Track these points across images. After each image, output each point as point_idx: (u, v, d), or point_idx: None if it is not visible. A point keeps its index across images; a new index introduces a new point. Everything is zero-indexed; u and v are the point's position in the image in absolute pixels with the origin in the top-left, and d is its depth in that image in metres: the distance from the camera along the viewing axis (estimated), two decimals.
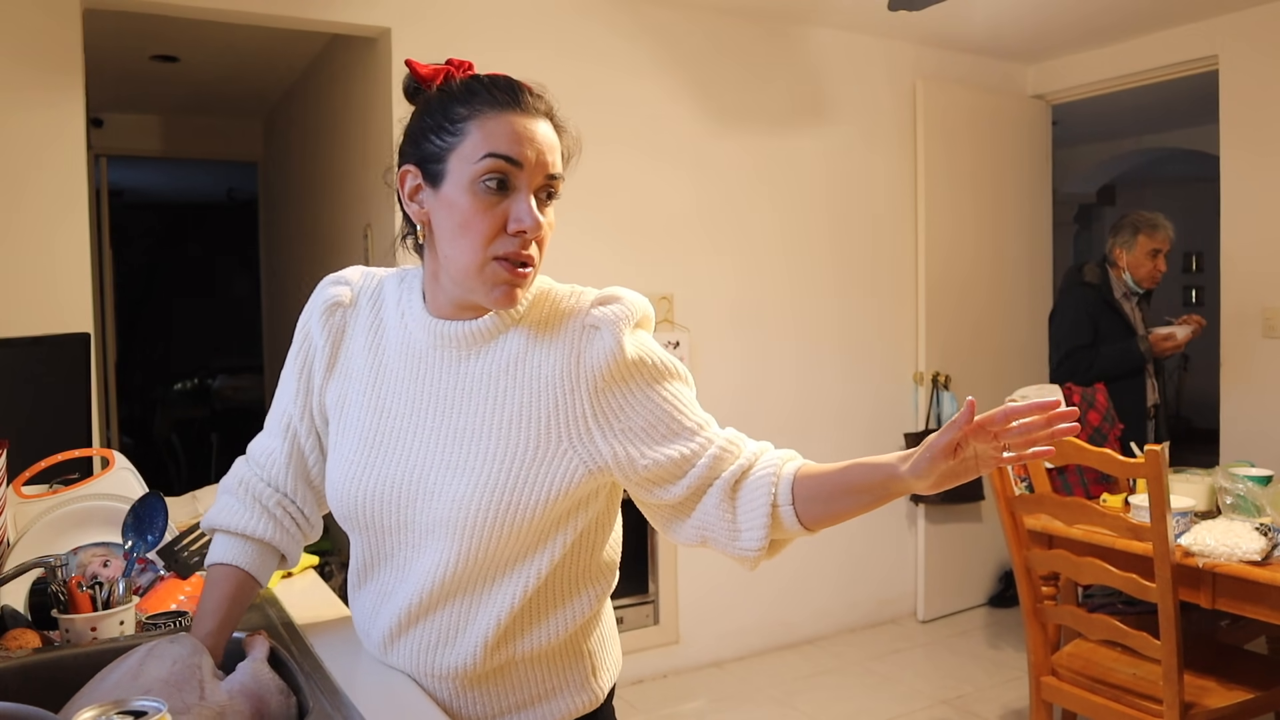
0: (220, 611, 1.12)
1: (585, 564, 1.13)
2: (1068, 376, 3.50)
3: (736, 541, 1.03)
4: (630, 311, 1.05)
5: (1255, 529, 2.15)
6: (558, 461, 1.03)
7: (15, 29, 2.60)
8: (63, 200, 2.65)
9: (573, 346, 1.04)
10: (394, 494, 1.06)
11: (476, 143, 1.00)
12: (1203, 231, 6.75)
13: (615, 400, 1.03)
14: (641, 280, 3.42)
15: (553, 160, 1.03)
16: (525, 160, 1.00)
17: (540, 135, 1.02)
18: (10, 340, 1.99)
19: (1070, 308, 3.47)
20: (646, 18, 3.40)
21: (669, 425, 1.04)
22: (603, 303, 1.06)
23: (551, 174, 1.03)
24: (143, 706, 0.79)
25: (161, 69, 4.23)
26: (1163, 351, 3.31)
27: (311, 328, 1.16)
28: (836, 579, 3.88)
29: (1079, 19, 3.72)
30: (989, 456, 0.93)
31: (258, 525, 1.16)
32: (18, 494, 1.57)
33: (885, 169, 3.96)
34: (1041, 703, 2.45)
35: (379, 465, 1.07)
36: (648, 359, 1.05)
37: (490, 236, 1.00)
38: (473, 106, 1.01)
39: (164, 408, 6.90)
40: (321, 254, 4.16)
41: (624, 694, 3.32)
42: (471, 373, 1.07)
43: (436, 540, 1.05)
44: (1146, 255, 3.38)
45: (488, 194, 1.00)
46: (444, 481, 1.04)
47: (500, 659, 1.08)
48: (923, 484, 0.95)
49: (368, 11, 2.98)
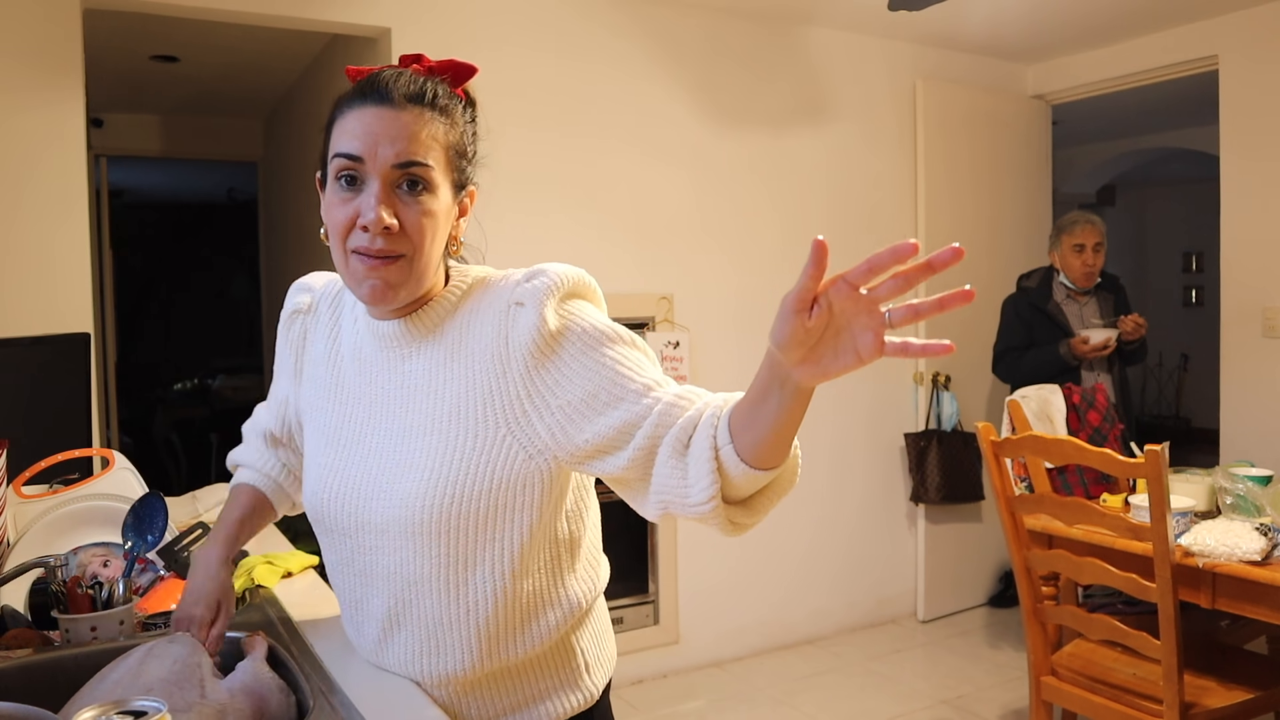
0: (238, 521, 1.24)
1: (563, 558, 1.10)
2: (1001, 377, 3.63)
3: (687, 499, 0.89)
4: (555, 282, 1.00)
5: (1255, 529, 2.15)
6: (498, 450, 1.00)
7: (15, 29, 2.60)
8: (63, 200, 2.65)
9: (499, 328, 1.01)
10: (349, 495, 1.07)
11: (333, 143, 1.01)
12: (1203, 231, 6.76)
13: (548, 375, 0.98)
14: (641, 280, 3.42)
15: (404, 149, 0.97)
16: (366, 154, 0.97)
17: (390, 125, 0.97)
18: (10, 340, 1.99)
19: (1004, 312, 3.65)
20: (646, 18, 3.40)
21: (610, 391, 0.95)
22: (528, 279, 1.02)
23: (403, 162, 0.97)
24: (143, 706, 0.79)
25: (161, 69, 4.23)
26: (1082, 354, 3.34)
27: (279, 337, 1.24)
28: (836, 579, 3.88)
29: (1079, 19, 3.72)
30: (864, 319, 0.75)
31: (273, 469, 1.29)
32: (18, 494, 1.57)
33: (885, 169, 3.96)
34: (1041, 703, 2.45)
35: (337, 468, 1.09)
36: (577, 325, 0.99)
37: (344, 232, 1.00)
38: (339, 106, 1.02)
39: (164, 408, 6.89)
40: (321, 254, 4.15)
41: (624, 694, 3.32)
42: (413, 370, 1.06)
43: (390, 541, 1.04)
44: (1071, 252, 3.46)
45: (341, 190, 1.00)
46: (392, 481, 1.04)
47: (491, 664, 1.07)
48: (791, 358, 0.77)
49: (368, 11, 2.98)
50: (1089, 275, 3.47)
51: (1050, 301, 3.51)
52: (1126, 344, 3.43)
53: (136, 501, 1.35)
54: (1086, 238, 3.43)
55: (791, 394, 0.80)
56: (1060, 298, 3.53)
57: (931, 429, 3.94)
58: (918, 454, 3.91)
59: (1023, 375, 3.41)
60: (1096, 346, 3.33)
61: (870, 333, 0.75)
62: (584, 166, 3.29)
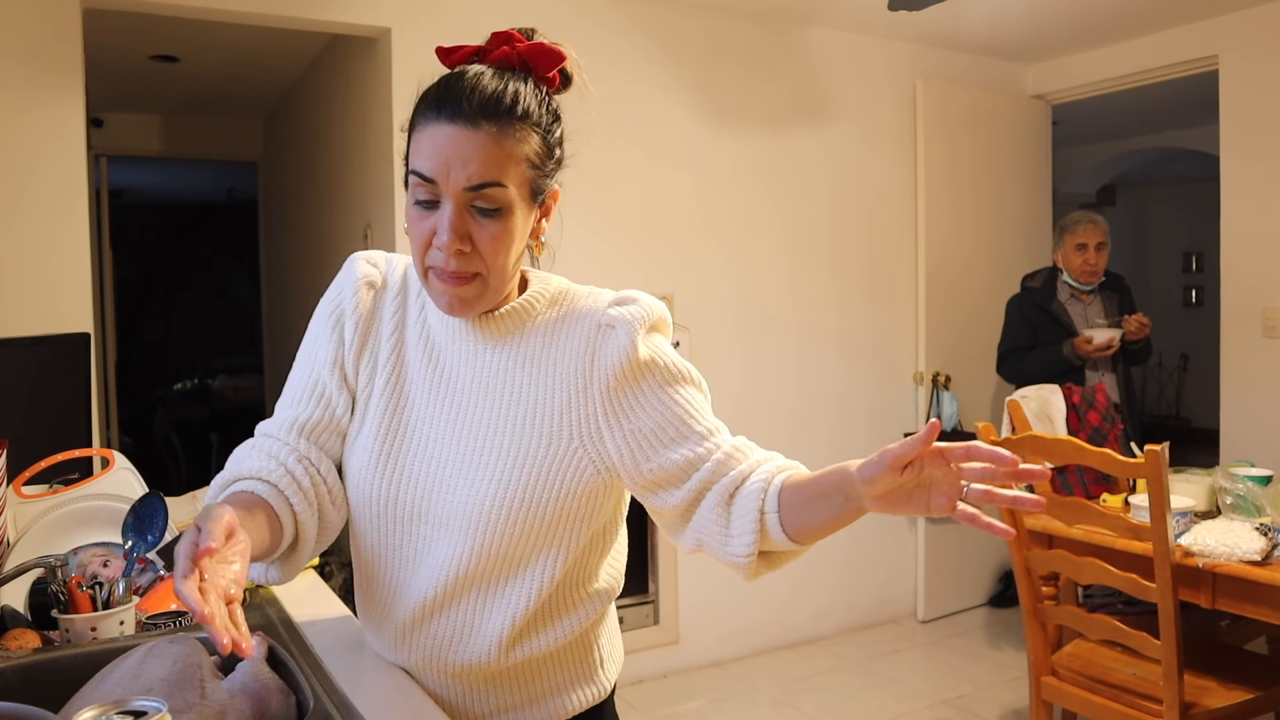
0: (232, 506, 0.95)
1: (597, 565, 1.13)
2: (1006, 377, 3.62)
3: (727, 547, 1.01)
4: (646, 313, 1.05)
5: (1255, 529, 2.15)
6: (569, 460, 1.04)
7: (15, 29, 2.60)
8: (63, 200, 2.65)
9: (588, 345, 1.04)
10: (411, 485, 1.06)
11: (411, 156, 1.00)
12: (1203, 231, 6.76)
13: (626, 401, 1.03)
14: (642, 280, 3.42)
15: (475, 172, 0.96)
16: (439, 176, 0.97)
17: (463, 146, 0.96)
18: (10, 340, 1.99)
19: (1008, 312, 3.64)
20: (647, 18, 3.40)
21: (678, 428, 1.03)
22: (620, 303, 1.06)
23: (475, 185, 0.97)
24: (143, 706, 0.79)
25: (161, 69, 4.23)
26: (1085, 354, 3.34)
27: (344, 301, 1.12)
28: (836, 579, 3.88)
29: (1079, 19, 3.72)
30: (944, 487, 0.87)
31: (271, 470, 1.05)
32: (18, 494, 1.57)
33: (885, 169, 3.96)
34: (1041, 703, 2.45)
35: (397, 456, 1.07)
36: (660, 360, 1.04)
37: (423, 248, 1.00)
38: (417, 112, 1.01)
39: (164, 408, 6.90)
40: (321, 254, 4.16)
41: (624, 694, 3.32)
42: (488, 367, 1.07)
43: (450, 534, 1.05)
44: (1073, 251, 3.47)
45: (417, 207, 1.00)
46: (460, 476, 1.04)
47: (515, 658, 1.08)
48: (871, 492, 0.89)
49: (368, 11, 2.98)
50: (1091, 274, 3.47)
51: (1054, 301, 3.51)
52: (1131, 344, 3.43)
53: (136, 501, 1.35)
54: (1089, 237, 3.43)
55: (854, 509, 0.93)
56: (1064, 297, 3.52)
57: None
58: None
59: (1027, 375, 3.41)
60: (1100, 346, 3.33)
61: (945, 497, 0.88)
62: (584, 166, 3.27)
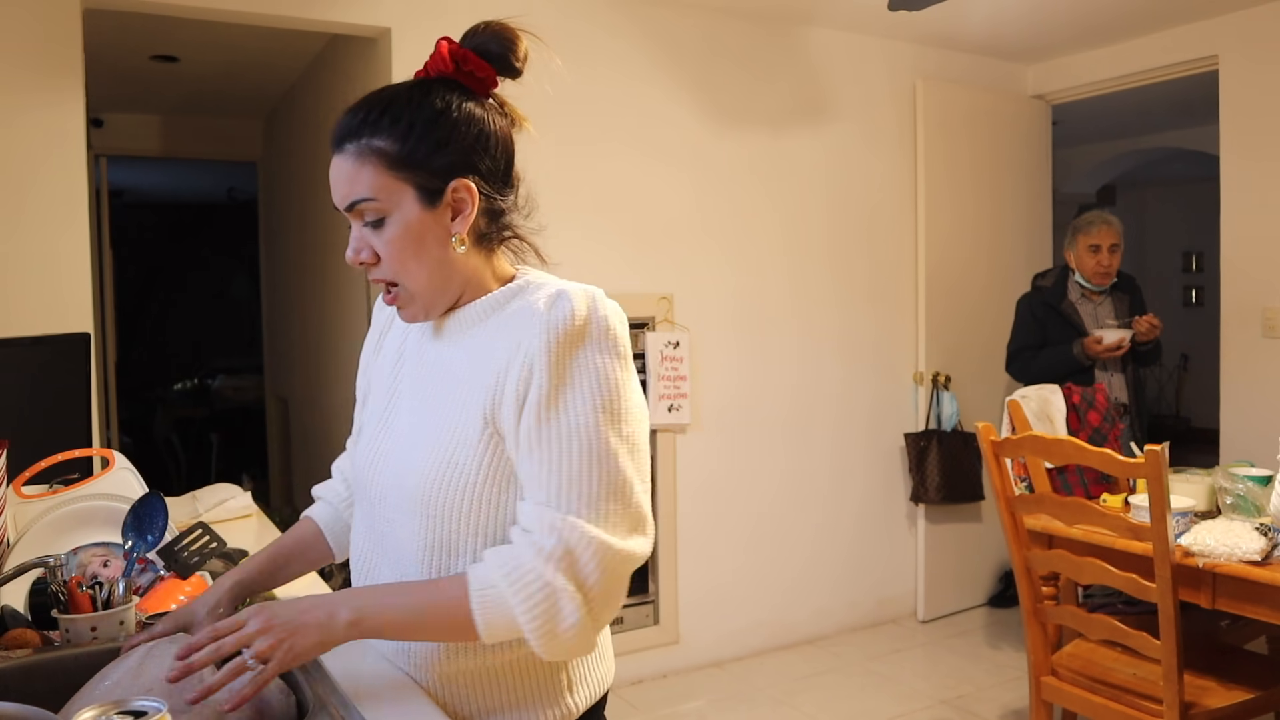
0: (271, 555, 1.25)
1: None
2: (1015, 376, 3.62)
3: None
4: (568, 319, 1.03)
5: (1255, 529, 2.15)
6: (487, 442, 1.05)
7: (15, 29, 2.60)
8: (63, 200, 2.65)
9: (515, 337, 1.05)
10: (373, 464, 1.14)
11: None
12: (1203, 231, 6.76)
13: (530, 396, 1.04)
14: (641, 280, 3.42)
15: (345, 193, 1.06)
16: (336, 204, 1.08)
17: (334, 172, 1.07)
18: (10, 340, 1.99)
19: (1018, 311, 3.64)
20: (645, 18, 3.40)
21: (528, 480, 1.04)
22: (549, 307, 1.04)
23: (347, 205, 1.06)
24: (143, 706, 0.79)
25: (161, 69, 4.23)
26: (1095, 354, 3.34)
27: (378, 315, 1.28)
28: (836, 579, 3.88)
29: (1079, 19, 3.72)
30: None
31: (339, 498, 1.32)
32: (18, 494, 1.57)
33: (885, 169, 3.96)
34: (1041, 703, 2.45)
35: (380, 439, 1.16)
36: (570, 379, 1.03)
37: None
38: None
39: (164, 408, 6.90)
40: (321, 254, 4.16)
41: (624, 694, 3.32)
42: (441, 358, 1.13)
43: (393, 512, 1.10)
44: (1086, 252, 3.46)
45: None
46: (410, 458, 1.09)
47: (467, 658, 1.08)
48: None
49: (368, 11, 2.98)
50: (1104, 276, 3.46)
51: (1065, 301, 3.49)
52: (1141, 345, 3.42)
53: (136, 501, 1.35)
54: (1103, 238, 3.42)
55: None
56: (1075, 297, 3.51)
57: (931, 429, 3.94)
58: (918, 454, 3.92)
59: (1037, 374, 3.39)
60: (1110, 346, 3.32)
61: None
62: (583, 167, 3.29)
